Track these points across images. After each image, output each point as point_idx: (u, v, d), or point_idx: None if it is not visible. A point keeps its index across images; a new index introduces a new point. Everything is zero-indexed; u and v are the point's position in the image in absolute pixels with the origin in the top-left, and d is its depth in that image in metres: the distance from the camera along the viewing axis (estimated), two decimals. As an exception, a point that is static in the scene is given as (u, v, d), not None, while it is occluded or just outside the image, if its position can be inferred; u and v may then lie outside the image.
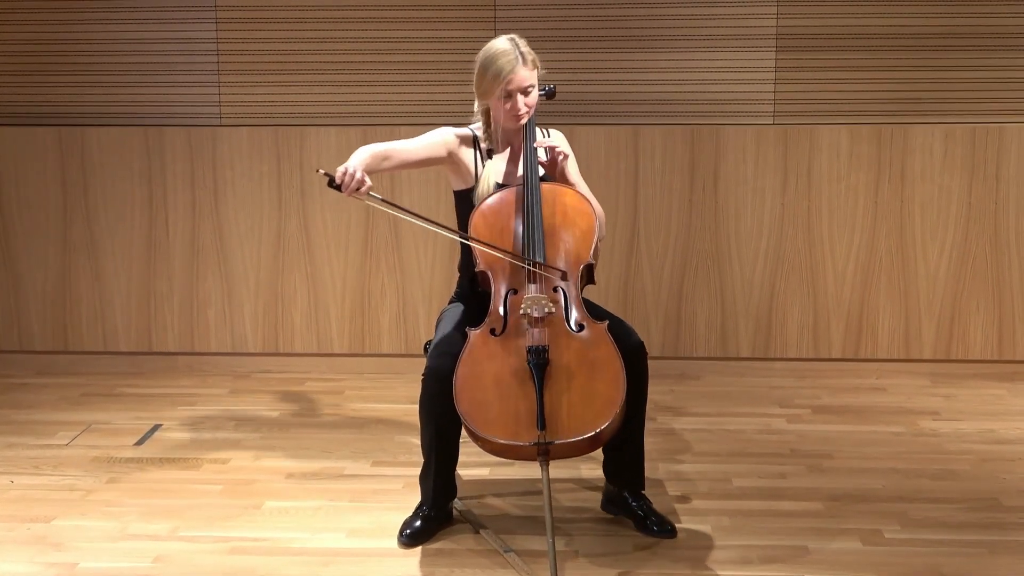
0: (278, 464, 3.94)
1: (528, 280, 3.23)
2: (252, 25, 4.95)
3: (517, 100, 3.30)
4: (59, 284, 5.11)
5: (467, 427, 3.09)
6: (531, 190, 3.30)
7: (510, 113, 3.33)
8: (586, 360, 3.12)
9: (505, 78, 3.27)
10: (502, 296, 3.23)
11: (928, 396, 4.72)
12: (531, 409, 3.03)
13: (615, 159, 4.92)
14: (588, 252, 3.29)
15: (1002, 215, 4.91)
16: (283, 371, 5.08)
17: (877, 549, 3.25)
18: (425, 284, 5.03)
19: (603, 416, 3.04)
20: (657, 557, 3.20)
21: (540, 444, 2.99)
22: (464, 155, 3.43)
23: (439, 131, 3.43)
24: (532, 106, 3.36)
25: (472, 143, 3.44)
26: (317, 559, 3.20)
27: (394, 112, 4.96)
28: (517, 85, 3.29)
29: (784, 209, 4.94)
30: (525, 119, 3.36)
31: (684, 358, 5.04)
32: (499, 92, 3.30)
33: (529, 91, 3.32)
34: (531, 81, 3.32)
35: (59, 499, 3.63)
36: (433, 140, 3.41)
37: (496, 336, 3.17)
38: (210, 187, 5.02)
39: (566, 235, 3.31)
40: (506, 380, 3.09)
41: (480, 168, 3.42)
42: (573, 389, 3.07)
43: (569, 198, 3.36)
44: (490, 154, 3.42)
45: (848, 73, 4.88)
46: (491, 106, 3.37)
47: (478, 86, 3.37)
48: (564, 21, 4.88)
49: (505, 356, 3.13)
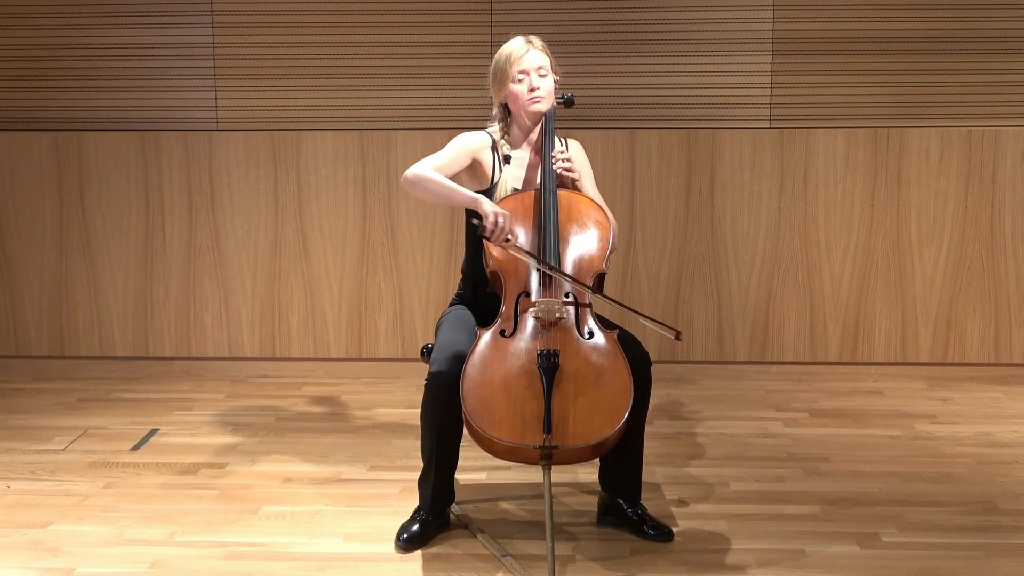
0: (275, 469, 3.93)
1: (540, 283, 3.23)
2: (248, 30, 4.95)
3: (532, 79, 3.37)
4: (55, 289, 5.11)
5: (472, 426, 3.08)
6: (548, 194, 3.31)
7: (525, 95, 3.37)
8: (595, 367, 3.13)
9: (516, 58, 3.37)
10: (514, 298, 3.23)
11: (925, 399, 4.72)
12: (538, 412, 3.03)
13: (611, 163, 4.92)
14: (601, 261, 3.30)
15: (998, 218, 4.91)
16: (280, 376, 5.08)
17: (874, 552, 3.25)
18: (422, 288, 5.03)
19: (609, 425, 3.04)
20: (655, 561, 3.20)
21: (544, 448, 3.00)
22: (484, 157, 3.44)
23: (461, 139, 3.43)
24: (548, 92, 3.41)
25: (491, 145, 3.46)
26: (314, 564, 3.20)
27: (391, 117, 4.97)
28: (529, 64, 3.37)
29: (781, 213, 4.95)
30: (543, 104, 3.40)
31: (681, 362, 5.04)
32: (513, 74, 3.38)
33: (543, 73, 3.39)
34: (543, 63, 3.40)
35: (56, 504, 3.62)
36: (459, 150, 3.41)
37: (506, 337, 3.17)
38: (207, 192, 5.02)
39: (580, 242, 3.32)
40: (514, 382, 3.09)
41: (497, 171, 3.43)
42: (581, 395, 3.07)
43: (585, 206, 3.38)
44: (508, 160, 3.44)
45: (844, 77, 4.88)
46: (508, 97, 3.42)
47: (493, 81, 3.44)
48: (561, 25, 4.88)
49: (514, 358, 3.13)
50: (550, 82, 3.43)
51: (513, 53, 3.39)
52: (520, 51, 3.39)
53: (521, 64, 3.38)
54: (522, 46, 3.40)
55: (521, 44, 3.41)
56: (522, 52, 3.39)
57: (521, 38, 3.43)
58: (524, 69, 3.38)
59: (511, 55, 3.39)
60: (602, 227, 3.35)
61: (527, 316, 3.19)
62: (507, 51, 3.41)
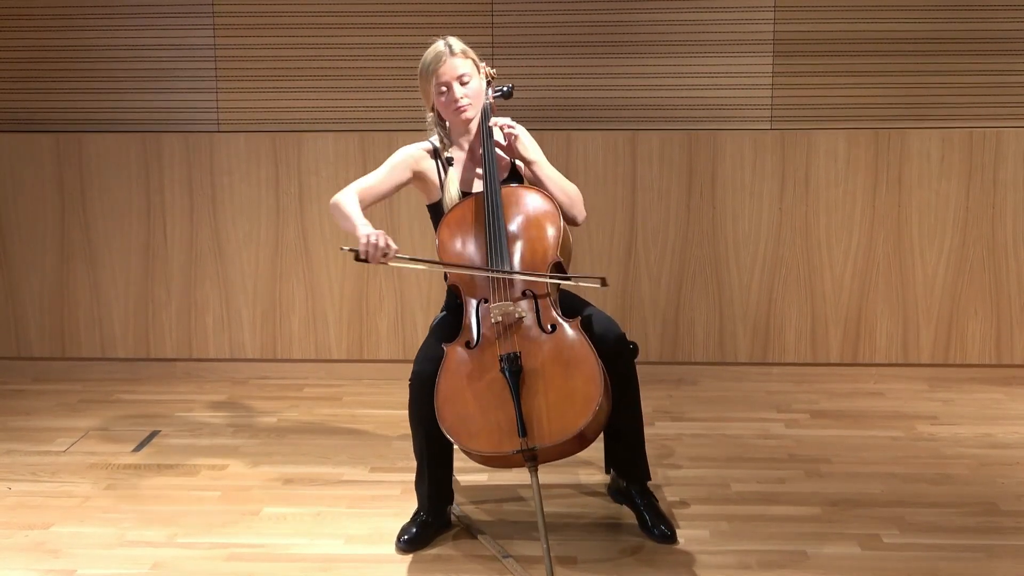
0: (276, 470, 3.93)
1: (494, 288, 3.23)
2: (250, 31, 4.95)
3: (454, 90, 3.33)
4: (57, 290, 5.11)
5: (453, 442, 3.11)
6: (491, 195, 3.29)
7: (451, 107, 3.34)
8: (560, 360, 3.11)
9: (433, 70, 3.32)
10: (473, 308, 3.24)
11: (926, 400, 4.72)
12: (511, 417, 3.03)
13: (613, 164, 4.92)
14: (555, 250, 3.27)
15: (999, 219, 4.91)
16: (281, 377, 5.08)
17: (875, 554, 3.25)
18: (423, 290, 5.03)
19: (583, 414, 3.02)
20: (655, 562, 3.20)
21: (524, 451, 3.00)
22: (428, 169, 3.43)
23: (398, 154, 3.43)
24: (473, 96, 3.36)
25: (433, 155, 3.44)
26: (315, 565, 3.20)
27: (391, 118, 4.97)
28: (448, 75, 3.32)
29: (782, 214, 4.95)
30: (469, 111, 3.36)
31: (682, 363, 5.04)
32: (434, 88, 3.33)
33: (466, 80, 3.34)
34: (463, 69, 3.33)
35: (57, 506, 3.62)
36: (395, 165, 3.41)
37: (471, 348, 3.18)
38: (208, 193, 5.02)
39: (530, 237, 3.30)
40: (484, 391, 3.10)
41: (443, 177, 3.42)
42: (550, 391, 3.07)
43: (530, 198, 3.35)
44: (450, 162, 3.42)
45: (845, 78, 4.88)
46: (438, 108, 3.40)
47: (421, 91, 3.42)
48: (562, 26, 4.88)
49: (481, 368, 3.13)
50: (476, 83, 3.36)
51: (431, 66, 3.33)
52: (436, 63, 3.32)
53: (440, 77, 3.32)
54: (437, 57, 3.32)
55: (437, 55, 3.33)
56: (438, 65, 3.32)
57: (440, 44, 3.35)
58: (444, 81, 3.33)
59: (428, 68, 3.33)
60: (550, 215, 3.30)
61: (487, 324, 3.19)
62: (425, 63, 3.34)
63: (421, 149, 3.44)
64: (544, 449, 3.01)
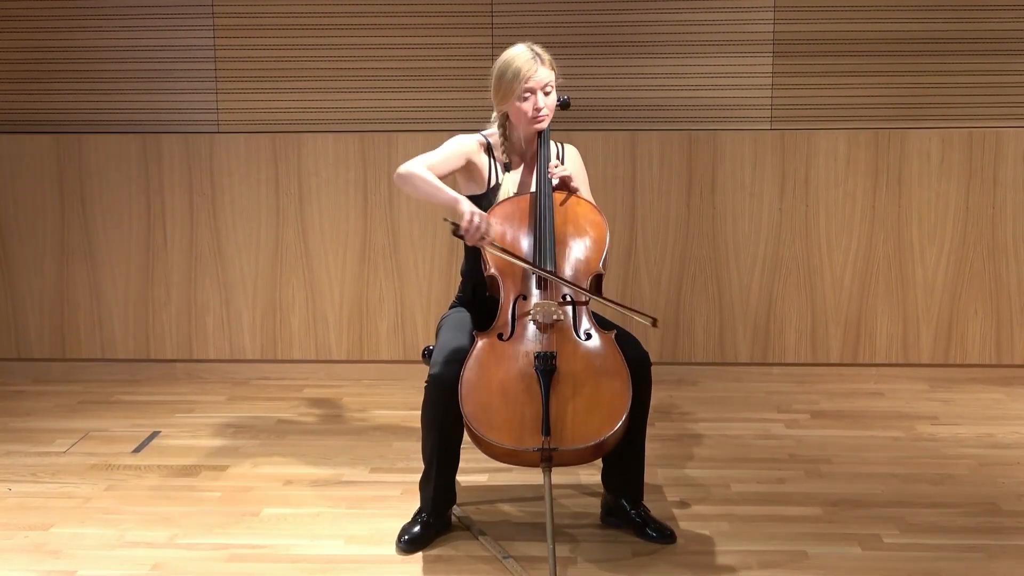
0: (276, 471, 3.93)
1: (537, 286, 3.23)
2: (249, 32, 4.95)
3: (538, 98, 3.33)
4: (56, 291, 5.11)
5: (471, 430, 3.08)
6: (544, 196, 3.31)
7: (530, 115, 3.34)
8: (593, 369, 3.13)
9: (524, 76, 3.30)
10: (511, 301, 3.23)
11: (926, 401, 4.72)
12: (536, 415, 3.03)
13: (612, 165, 4.92)
14: (598, 263, 3.30)
15: (999, 219, 4.91)
16: (281, 378, 5.08)
17: (876, 554, 3.25)
18: (423, 290, 5.03)
19: (608, 425, 3.04)
20: (657, 563, 3.20)
21: (544, 450, 3.00)
22: (480, 163, 3.44)
23: (456, 142, 3.43)
24: (552, 109, 3.38)
25: (487, 150, 3.45)
26: (316, 566, 3.20)
27: (391, 119, 4.97)
28: (537, 82, 3.31)
29: (782, 214, 4.95)
30: (545, 122, 3.37)
31: (682, 363, 5.04)
32: (519, 92, 3.32)
33: (548, 91, 3.35)
34: (549, 79, 3.35)
35: (57, 507, 3.62)
36: (454, 152, 3.40)
37: (504, 341, 3.17)
38: (208, 194, 5.02)
39: (577, 245, 3.32)
40: (512, 385, 3.10)
41: (493, 175, 3.43)
42: (579, 397, 3.07)
43: (582, 208, 3.38)
44: (507, 167, 3.43)
45: (845, 78, 4.88)
46: (510, 111, 3.38)
47: (496, 91, 3.38)
48: (561, 27, 4.88)
49: (512, 361, 3.13)
50: (554, 97, 3.39)
51: (522, 70, 3.30)
52: (529, 69, 3.30)
53: (529, 83, 3.31)
54: (531, 63, 3.31)
55: (529, 60, 3.31)
56: (531, 71, 3.30)
57: (527, 51, 3.34)
58: (531, 88, 3.32)
59: (519, 72, 3.30)
60: (598, 229, 3.36)
61: (525, 319, 3.19)
62: (515, 66, 3.31)
63: (475, 142, 3.44)
64: (563, 452, 3.01)
